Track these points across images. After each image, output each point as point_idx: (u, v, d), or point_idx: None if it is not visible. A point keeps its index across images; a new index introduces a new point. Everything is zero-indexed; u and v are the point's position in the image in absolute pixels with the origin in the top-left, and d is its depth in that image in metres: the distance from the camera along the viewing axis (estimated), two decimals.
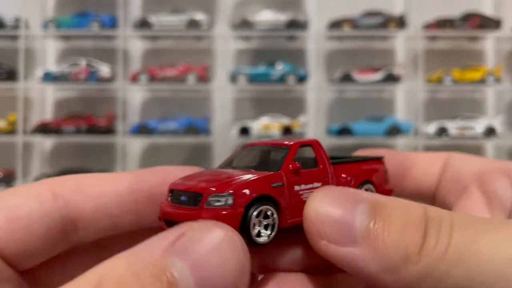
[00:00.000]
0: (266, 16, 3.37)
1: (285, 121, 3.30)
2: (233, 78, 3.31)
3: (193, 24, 3.33)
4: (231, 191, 0.44)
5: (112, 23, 3.33)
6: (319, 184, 0.50)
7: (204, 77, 3.32)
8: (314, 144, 0.54)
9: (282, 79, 3.31)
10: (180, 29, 3.34)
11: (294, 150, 0.51)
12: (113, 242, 0.46)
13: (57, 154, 3.48)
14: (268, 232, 0.46)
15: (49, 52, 3.53)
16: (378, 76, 3.30)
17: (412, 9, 3.29)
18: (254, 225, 0.45)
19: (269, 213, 0.46)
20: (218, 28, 3.41)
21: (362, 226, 0.38)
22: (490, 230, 0.36)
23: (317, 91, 3.39)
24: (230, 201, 0.44)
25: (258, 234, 0.45)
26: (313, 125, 3.38)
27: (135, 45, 3.50)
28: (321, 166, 0.52)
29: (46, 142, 3.47)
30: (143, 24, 3.33)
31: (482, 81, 3.29)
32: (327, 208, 0.40)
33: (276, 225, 0.46)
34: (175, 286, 0.32)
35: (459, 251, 0.36)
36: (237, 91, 3.43)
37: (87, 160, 3.38)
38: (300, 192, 0.49)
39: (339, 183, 0.53)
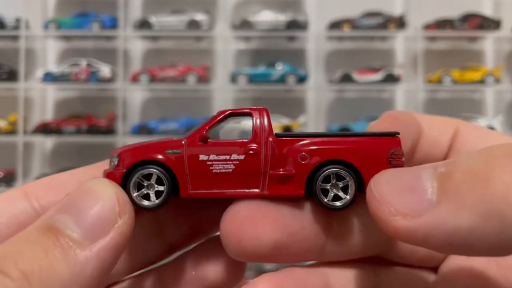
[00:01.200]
0: (266, 17, 3.37)
1: (285, 121, 3.30)
2: (233, 78, 3.31)
3: (193, 24, 3.34)
4: (118, 154, 0.47)
5: (113, 24, 3.33)
6: (240, 157, 0.46)
7: (204, 78, 3.32)
8: (253, 114, 0.48)
9: (282, 79, 3.31)
10: (181, 30, 3.35)
11: (216, 117, 0.48)
12: None
13: (58, 154, 3.48)
14: (156, 200, 0.47)
15: (49, 53, 3.54)
16: (378, 76, 3.31)
17: (411, 10, 3.29)
18: (140, 187, 0.47)
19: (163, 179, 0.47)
20: (218, 28, 3.41)
21: (434, 183, 0.32)
22: None
23: (317, 92, 3.40)
24: (116, 162, 0.47)
25: (148, 197, 0.47)
26: (313, 126, 3.38)
27: (135, 46, 3.51)
28: (253, 138, 0.47)
29: (47, 142, 3.47)
30: (144, 24, 3.34)
31: (481, 81, 3.29)
32: (388, 184, 0.35)
33: (166, 192, 0.46)
34: (63, 235, 0.37)
35: None
36: (237, 91, 3.43)
37: (87, 160, 3.35)
38: (209, 163, 0.46)
39: (278, 157, 0.46)
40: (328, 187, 0.45)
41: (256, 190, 0.45)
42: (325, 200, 0.45)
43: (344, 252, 0.45)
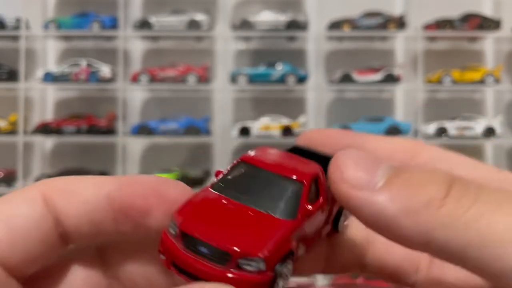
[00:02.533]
0: (266, 17, 3.38)
1: (285, 121, 3.31)
2: (233, 78, 3.32)
3: (193, 24, 3.34)
4: (263, 257, 0.39)
5: (113, 24, 3.34)
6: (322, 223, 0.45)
7: (205, 78, 3.33)
8: (319, 176, 0.44)
9: (282, 79, 3.32)
10: (181, 30, 3.35)
11: (309, 188, 0.44)
12: (116, 250, 0.46)
13: (58, 154, 3.49)
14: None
15: (49, 53, 3.54)
16: (378, 76, 3.31)
17: (411, 10, 3.30)
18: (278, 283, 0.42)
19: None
20: (218, 28, 3.42)
21: (384, 174, 0.40)
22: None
23: (317, 92, 3.40)
24: (262, 266, 0.39)
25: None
26: (313, 126, 3.39)
27: (135, 46, 3.51)
28: (321, 199, 0.44)
29: (47, 142, 3.48)
30: (144, 24, 3.34)
31: (481, 81, 3.30)
32: (350, 156, 0.41)
33: (290, 274, 0.43)
34: None
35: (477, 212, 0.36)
36: (237, 91, 3.44)
37: (87, 160, 3.39)
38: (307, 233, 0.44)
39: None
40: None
41: None
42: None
43: (339, 264, 0.49)
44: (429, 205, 0.37)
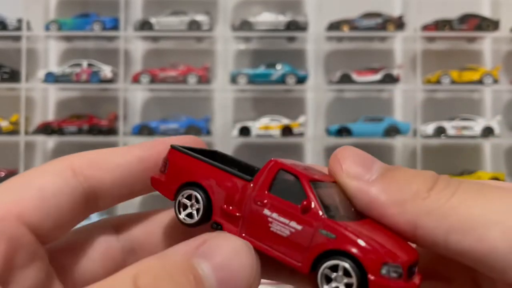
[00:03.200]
0: (266, 18, 3.40)
1: (285, 121, 3.33)
2: (233, 78, 3.34)
3: (193, 25, 3.36)
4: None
5: (114, 25, 3.36)
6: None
7: (205, 78, 3.35)
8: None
9: (282, 79, 3.34)
10: (181, 30, 3.37)
11: None
12: (127, 222, 0.51)
13: (59, 154, 3.47)
14: None
15: (51, 53, 3.56)
16: (377, 76, 3.33)
17: (410, 11, 3.32)
18: None
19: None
20: (218, 29, 3.44)
21: (378, 169, 0.45)
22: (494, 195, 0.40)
23: (316, 92, 3.42)
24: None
25: None
26: (312, 126, 3.41)
27: (136, 46, 3.53)
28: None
29: (48, 142, 3.50)
30: (144, 25, 3.36)
31: (480, 81, 3.31)
32: (349, 152, 0.48)
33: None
34: (200, 282, 0.38)
35: (458, 200, 0.40)
36: (237, 91, 3.45)
37: None
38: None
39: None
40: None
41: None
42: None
43: None
44: (415, 196, 0.42)
